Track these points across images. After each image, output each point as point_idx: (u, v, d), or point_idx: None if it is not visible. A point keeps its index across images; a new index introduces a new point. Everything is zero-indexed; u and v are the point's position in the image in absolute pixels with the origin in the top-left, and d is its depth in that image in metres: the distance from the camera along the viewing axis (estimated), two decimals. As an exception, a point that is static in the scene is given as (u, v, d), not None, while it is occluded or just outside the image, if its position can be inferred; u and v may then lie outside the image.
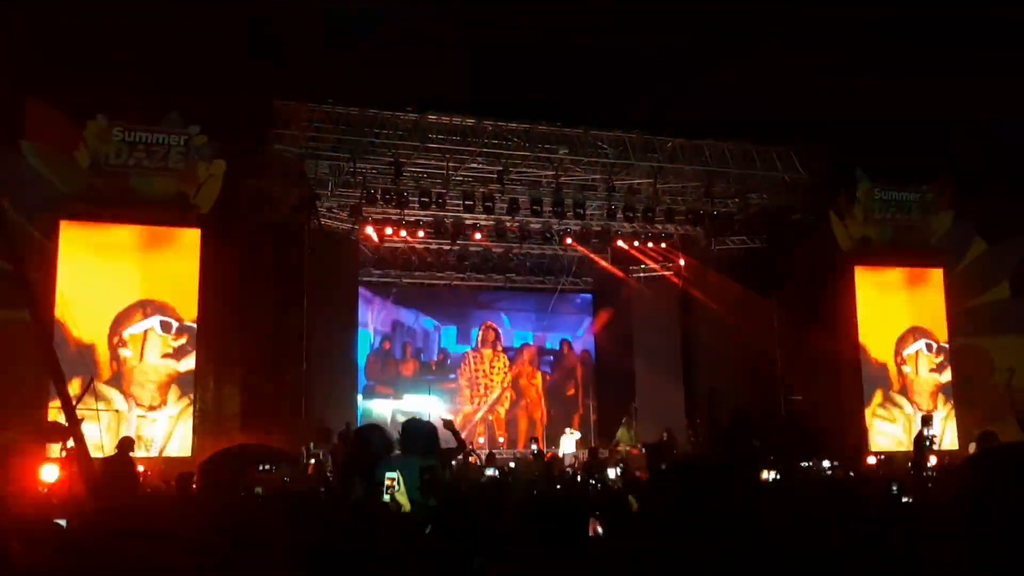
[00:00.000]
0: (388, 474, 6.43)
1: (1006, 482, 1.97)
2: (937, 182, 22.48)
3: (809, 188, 21.96)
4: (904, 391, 21.83)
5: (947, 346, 22.14)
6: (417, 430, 7.10)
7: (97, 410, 13.26)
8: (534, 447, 20.61)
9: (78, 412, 12.11)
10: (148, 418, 17.12)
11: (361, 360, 23.47)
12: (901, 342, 22.01)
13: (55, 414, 13.41)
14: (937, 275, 22.31)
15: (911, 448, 18.32)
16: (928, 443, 10.15)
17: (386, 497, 6.37)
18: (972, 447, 13.28)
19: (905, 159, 22.30)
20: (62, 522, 7.28)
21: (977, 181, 21.43)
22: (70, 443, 11.32)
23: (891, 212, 22.24)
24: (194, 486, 11.37)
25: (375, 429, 7.47)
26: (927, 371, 22.08)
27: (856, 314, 21.85)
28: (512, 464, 18.27)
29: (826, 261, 21.74)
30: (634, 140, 20.82)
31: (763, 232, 22.62)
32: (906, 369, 21.99)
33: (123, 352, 17.20)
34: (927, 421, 14.92)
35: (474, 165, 20.75)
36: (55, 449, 13.03)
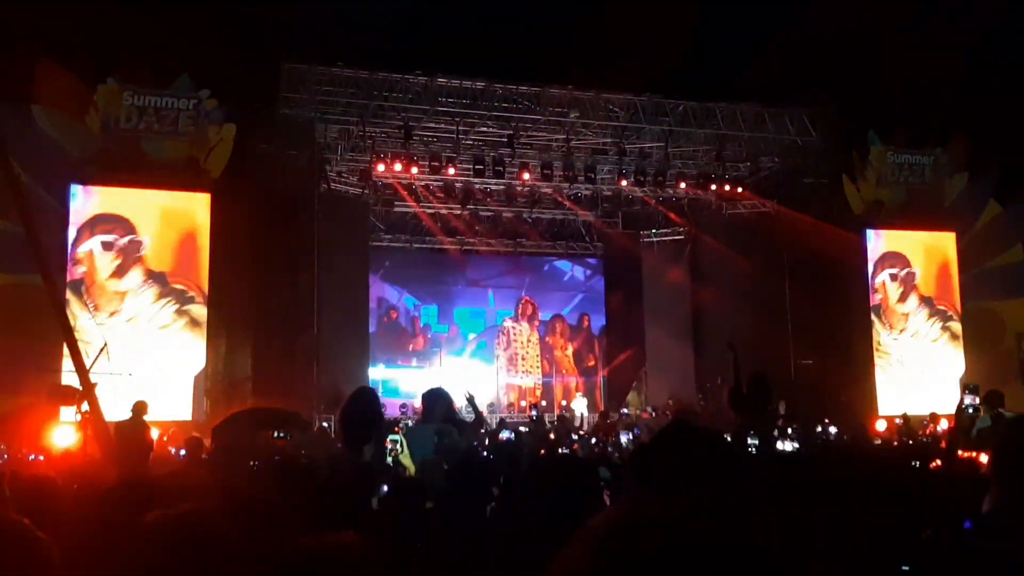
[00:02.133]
0: (391, 437, 6.54)
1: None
2: (951, 144, 22.31)
3: (821, 151, 21.80)
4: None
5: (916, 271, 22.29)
6: (436, 399, 7.25)
7: (110, 374, 13.33)
8: (534, 413, 20.65)
9: (91, 376, 12.18)
10: (106, 325, 17.16)
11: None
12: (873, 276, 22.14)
13: (68, 378, 13.48)
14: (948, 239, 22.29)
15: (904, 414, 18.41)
16: (971, 411, 10.00)
17: (388, 460, 6.47)
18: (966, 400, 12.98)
19: (919, 121, 22.13)
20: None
21: (991, 143, 21.26)
22: (84, 407, 11.40)
23: (904, 175, 22.11)
24: (204, 454, 11.42)
25: (368, 393, 7.58)
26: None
27: (868, 277, 21.80)
28: (524, 428, 18.34)
29: (838, 224, 21.64)
30: (645, 103, 20.67)
31: (774, 195, 22.49)
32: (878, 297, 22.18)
33: (79, 269, 17.28)
34: (970, 389, 14.66)
35: (484, 129, 20.65)
36: (69, 413, 13.13)
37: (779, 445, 8.31)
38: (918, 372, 21.60)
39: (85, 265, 17.28)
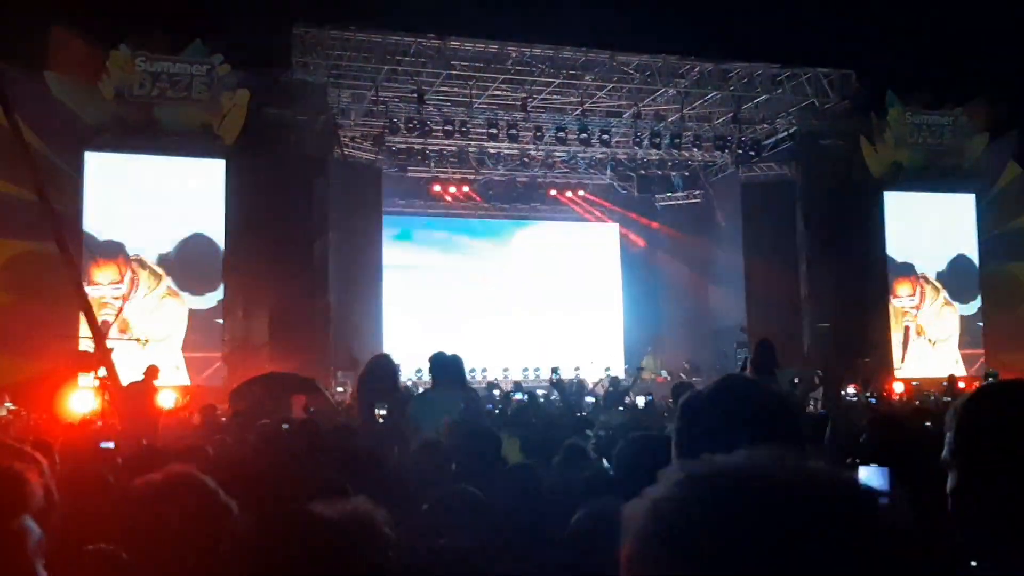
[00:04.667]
0: (377, 404, 6.59)
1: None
2: (971, 105, 22.02)
3: (839, 113, 21.57)
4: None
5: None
6: (444, 363, 7.21)
7: (125, 339, 13.41)
8: (554, 376, 20.62)
9: (107, 342, 12.25)
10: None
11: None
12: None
13: (86, 344, 13.55)
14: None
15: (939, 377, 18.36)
16: None
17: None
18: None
19: (938, 82, 21.83)
20: (110, 444, 7.41)
21: (1012, 104, 20.97)
22: (101, 372, 11.46)
23: (923, 136, 21.85)
24: (223, 418, 11.48)
25: (384, 359, 7.61)
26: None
27: (885, 241, 21.65)
28: (541, 391, 18.35)
29: (856, 187, 21.46)
30: (660, 65, 20.45)
31: (791, 158, 22.29)
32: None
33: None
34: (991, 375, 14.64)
35: (497, 92, 20.51)
36: (87, 378, 13.22)
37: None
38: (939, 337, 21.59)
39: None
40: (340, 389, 17.18)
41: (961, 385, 16.33)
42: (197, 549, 2.28)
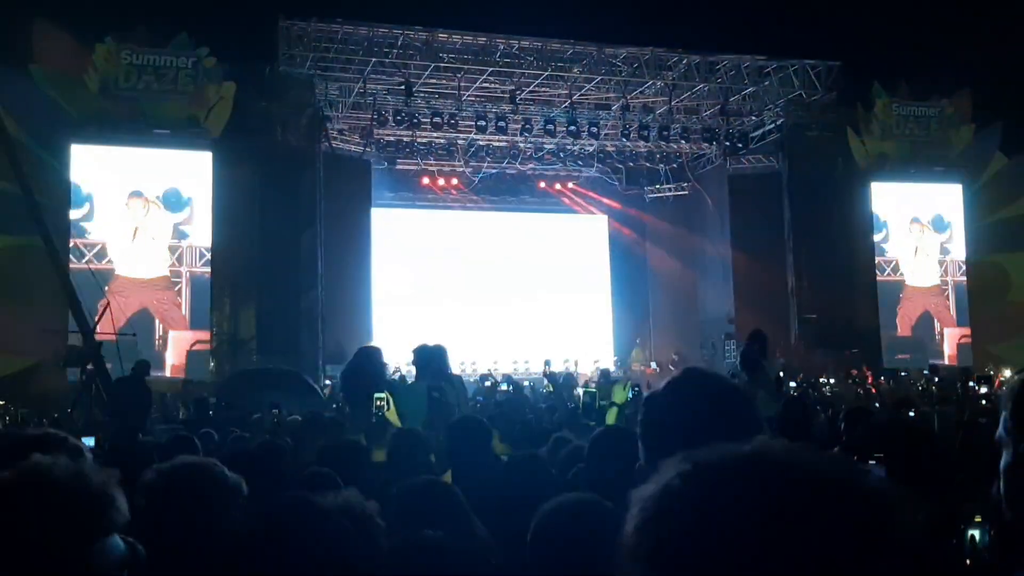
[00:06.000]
0: (377, 394, 6.55)
1: None
2: (957, 96, 22.10)
3: (826, 104, 21.59)
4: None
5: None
6: (426, 355, 7.23)
7: (114, 333, 13.35)
8: (546, 368, 20.65)
9: (96, 336, 12.24)
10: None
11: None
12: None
13: (74, 338, 13.50)
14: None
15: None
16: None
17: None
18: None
19: (924, 73, 21.89)
20: (89, 441, 7.40)
21: (998, 95, 21.04)
22: (89, 366, 11.46)
23: (909, 127, 21.93)
24: (211, 411, 11.47)
25: (370, 352, 7.62)
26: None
27: (872, 231, 21.74)
28: (527, 382, 18.40)
29: (843, 178, 21.52)
30: (648, 57, 20.43)
31: (778, 150, 22.31)
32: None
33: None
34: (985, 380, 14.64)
35: (486, 85, 20.47)
36: (75, 372, 13.18)
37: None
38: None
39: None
40: (328, 383, 17.16)
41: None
42: (209, 534, 2.28)
